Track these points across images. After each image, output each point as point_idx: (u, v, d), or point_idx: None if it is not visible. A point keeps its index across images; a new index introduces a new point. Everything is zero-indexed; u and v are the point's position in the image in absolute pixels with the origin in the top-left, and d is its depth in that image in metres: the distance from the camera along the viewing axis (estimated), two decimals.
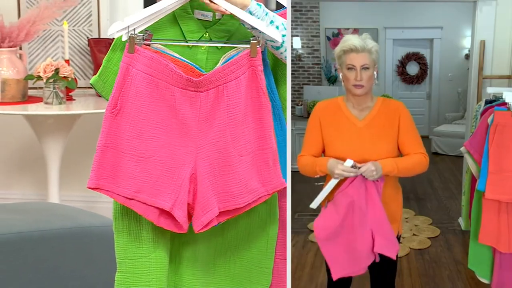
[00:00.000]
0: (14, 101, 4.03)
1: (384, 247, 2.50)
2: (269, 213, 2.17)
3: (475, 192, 2.57)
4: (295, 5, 4.63)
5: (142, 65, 2.01)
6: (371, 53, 2.45)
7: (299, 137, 3.52)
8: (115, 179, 2.02)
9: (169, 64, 2.02)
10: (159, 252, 2.11)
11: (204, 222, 2.01)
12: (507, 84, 3.37)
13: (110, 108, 2.02)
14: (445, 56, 5.87)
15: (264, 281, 2.19)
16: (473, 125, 3.17)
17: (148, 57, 2.02)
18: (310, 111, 2.97)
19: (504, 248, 2.49)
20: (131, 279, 2.11)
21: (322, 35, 5.05)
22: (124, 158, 2.02)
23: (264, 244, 2.18)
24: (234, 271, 2.19)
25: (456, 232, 3.68)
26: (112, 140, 2.03)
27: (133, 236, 2.11)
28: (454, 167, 4.45)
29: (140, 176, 2.01)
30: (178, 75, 2.02)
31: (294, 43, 4.79)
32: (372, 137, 2.48)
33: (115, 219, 2.13)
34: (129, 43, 2.02)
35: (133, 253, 2.11)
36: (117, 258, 2.13)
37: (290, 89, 2.09)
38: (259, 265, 2.19)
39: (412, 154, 2.51)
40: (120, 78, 2.02)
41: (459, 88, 5.64)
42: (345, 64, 2.47)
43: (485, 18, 3.41)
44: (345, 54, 2.46)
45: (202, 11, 2.10)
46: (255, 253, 2.18)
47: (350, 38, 2.46)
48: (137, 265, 2.11)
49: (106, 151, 2.03)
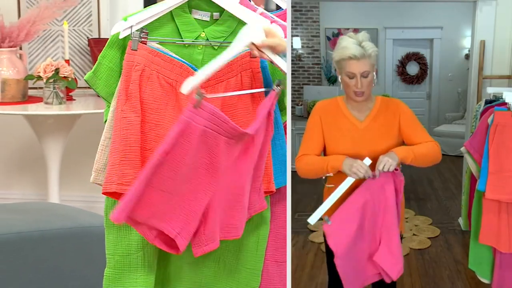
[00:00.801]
0: (14, 101, 4.03)
1: (387, 261, 2.39)
2: (260, 215, 2.16)
3: (475, 192, 2.57)
4: (295, 5, 4.63)
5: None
6: (370, 58, 2.37)
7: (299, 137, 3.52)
8: None
9: (174, 59, 2.03)
10: (147, 250, 2.11)
11: (205, 251, 2.01)
12: (507, 84, 3.37)
13: None
14: (445, 56, 5.87)
15: (253, 283, 2.18)
16: (473, 125, 3.17)
17: (153, 53, 2.02)
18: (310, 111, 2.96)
19: (505, 248, 2.49)
20: (119, 275, 2.12)
21: (322, 35, 5.06)
22: None
23: (254, 246, 2.17)
24: (222, 271, 2.18)
25: (456, 232, 3.68)
26: None
27: (122, 232, 2.11)
28: (454, 167, 4.45)
29: (157, 205, 1.95)
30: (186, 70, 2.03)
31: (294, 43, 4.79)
32: (373, 137, 2.45)
33: (106, 215, 2.13)
34: (132, 40, 2.02)
35: (122, 249, 2.11)
36: (106, 254, 2.13)
37: (290, 89, 2.09)
38: (248, 267, 2.18)
39: (423, 142, 2.43)
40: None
41: (459, 88, 5.65)
42: (344, 70, 2.39)
43: (485, 18, 3.41)
44: (344, 61, 2.39)
45: (200, 11, 2.09)
46: (244, 254, 2.17)
47: (348, 45, 2.36)
48: (125, 261, 2.11)
49: None
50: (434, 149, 2.42)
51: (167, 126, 2.02)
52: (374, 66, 2.41)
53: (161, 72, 2.03)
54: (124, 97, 2.01)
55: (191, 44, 2.08)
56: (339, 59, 2.39)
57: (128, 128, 2.00)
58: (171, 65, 2.03)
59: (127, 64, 2.02)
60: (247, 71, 2.06)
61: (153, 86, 2.02)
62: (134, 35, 2.02)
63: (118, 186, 1.98)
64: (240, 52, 2.03)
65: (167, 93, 2.03)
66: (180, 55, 2.06)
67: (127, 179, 1.98)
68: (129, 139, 1.99)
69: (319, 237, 3.26)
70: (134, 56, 2.02)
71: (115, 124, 2.01)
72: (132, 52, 2.02)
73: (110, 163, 2.00)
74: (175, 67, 2.03)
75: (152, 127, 2.02)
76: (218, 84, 2.05)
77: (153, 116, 2.02)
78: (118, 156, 1.99)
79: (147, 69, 2.02)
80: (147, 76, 2.02)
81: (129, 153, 1.99)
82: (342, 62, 2.38)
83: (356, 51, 2.34)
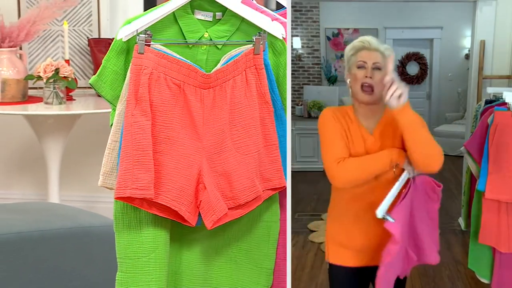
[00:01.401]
0: (14, 101, 4.03)
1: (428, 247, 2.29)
2: (271, 213, 2.17)
3: (475, 192, 2.57)
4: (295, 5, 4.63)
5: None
6: (384, 55, 2.21)
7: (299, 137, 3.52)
8: None
9: (180, 61, 2.04)
10: (159, 252, 2.11)
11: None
12: (507, 84, 3.37)
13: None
14: (445, 56, 5.87)
15: (265, 282, 2.19)
16: (473, 125, 3.17)
17: (159, 55, 2.03)
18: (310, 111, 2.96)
19: (504, 248, 2.49)
20: (131, 279, 2.11)
21: (322, 35, 5.05)
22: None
23: (266, 244, 2.18)
24: (234, 271, 2.19)
25: (456, 232, 3.68)
26: None
27: (133, 236, 2.12)
28: (454, 167, 4.45)
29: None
30: (193, 70, 2.04)
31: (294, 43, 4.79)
32: (382, 145, 2.27)
33: (116, 219, 2.13)
34: (138, 44, 2.02)
35: (133, 253, 2.11)
36: (117, 258, 2.14)
37: (290, 89, 2.09)
38: (260, 266, 2.19)
39: None
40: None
41: (459, 88, 5.64)
42: (354, 63, 2.22)
43: (485, 18, 3.41)
44: (355, 52, 2.23)
45: (203, 11, 2.10)
46: (256, 253, 2.18)
47: (362, 38, 2.25)
48: (137, 265, 2.11)
49: None
50: (437, 147, 2.22)
51: (176, 127, 2.04)
52: (389, 66, 2.17)
53: (168, 74, 2.03)
54: (134, 101, 2.01)
55: (195, 44, 2.09)
56: (351, 51, 2.25)
57: (139, 133, 2.00)
58: (178, 66, 2.04)
59: (135, 68, 2.02)
60: (251, 68, 2.07)
61: (161, 89, 2.03)
62: (140, 38, 2.02)
63: (133, 191, 1.99)
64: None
65: (174, 95, 2.04)
66: (184, 56, 2.07)
67: (141, 183, 1.99)
68: (141, 144, 2.00)
69: (319, 237, 3.27)
70: (142, 60, 2.02)
71: (126, 128, 2.01)
72: (139, 55, 2.02)
73: (123, 167, 2.00)
74: (182, 68, 2.04)
75: (162, 129, 2.03)
76: (225, 83, 2.06)
77: (162, 118, 2.03)
78: (131, 161, 2.00)
79: (155, 72, 2.03)
80: (155, 79, 2.03)
81: (142, 157, 2.00)
82: (353, 54, 2.24)
83: (371, 40, 2.23)
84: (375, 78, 2.20)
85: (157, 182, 2.02)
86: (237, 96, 2.05)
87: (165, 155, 2.03)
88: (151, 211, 2.04)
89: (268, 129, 2.08)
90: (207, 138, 2.06)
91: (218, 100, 2.06)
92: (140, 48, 2.02)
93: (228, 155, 2.05)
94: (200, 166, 2.05)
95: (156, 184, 2.02)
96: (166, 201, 2.02)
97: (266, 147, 2.07)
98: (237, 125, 2.05)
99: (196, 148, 2.05)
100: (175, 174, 2.03)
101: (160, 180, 2.02)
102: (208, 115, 2.06)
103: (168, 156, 2.03)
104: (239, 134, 2.05)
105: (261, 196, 2.08)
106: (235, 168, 2.04)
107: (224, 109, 2.05)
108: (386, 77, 2.11)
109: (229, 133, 2.05)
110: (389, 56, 2.21)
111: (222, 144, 2.05)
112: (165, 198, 2.02)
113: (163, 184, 2.02)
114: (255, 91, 2.07)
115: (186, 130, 2.05)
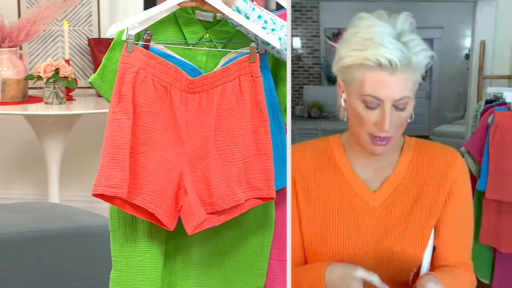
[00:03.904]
0: (14, 101, 4.03)
1: None
2: (265, 215, 2.16)
3: (475, 192, 2.57)
4: (295, 5, 4.63)
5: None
6: (416, 68, 1.39)
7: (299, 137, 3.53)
8: None
9: (169, 63, 2.02)
10: (154, 251, 2.11)
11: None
12: (507, 84, 3.37)
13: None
14: (445, 56, 5.86)
15: (258, 283, 2.19)
16: (473, 125, 3.17)
17: (148, 55, 2.01)
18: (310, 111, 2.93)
19: (505, 248, 2.49)
20: (125, 278, 2.12)
21: (322, 35, 5.05)
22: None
23: (259, 245, 2.18)
24: (228, 272, 2.19)
25: None
26: None
27: (128, 235, 2.12)
28: None
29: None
30: (180, 74, 2.02)
31: (294, 43, 4.79)
32: (394, 222, 1.43)
33: (111, 217, 2.13)
34: (127, 42, 2.01)
35: (128, 252, 2.11)
36: (112, 257, 2.14)
37: (290, 89, 2.08)
38: (253, 267, 2.18)
39: (450, 266, 1.58)
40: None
41: (460, 88, 5.64)
42: (357, 89, 1.36)
43: (485, 18, 3.41)
44: (361, 70, 1.34)
45: (203, 12, 2.09)
46: (249, 254, 2.18)
47: (376, 36, 1.37)
48: (131, 264, 2.11)
49: None
50: None
51: (160, 129, 2.02)
52: (417, 83, 1.45)
53: (156, 75, 2.02)
54: (117, 99, 2.00)
55: (194, 45, 2.08)
56: (351, 64, 1.37)
57: (117, 131, 1.98)
58: (166, 68, 2.02)
59: (121, 66, 2.01)
60: (247, 75, 2.03)
61: (148, 89, 2.01)
62: (129, 37, 2.01)
63: (105, 188, 1.97)
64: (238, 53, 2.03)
65: (161, 97, 2.02)
66: (184, 56, 2.06)
67: (113, 181, 1.96)
68: (117, 141, 1.98)
69: None
70: (129, 58, 2.01)
71: (107, 126, 2.00)
72: (127, 54, 2.01)
73: (100, 165, 2.00)
74: (169, 70, 2.02)
75: (145, 130, 2.01)
76: (213, 89, 2.03)
77: (146, 119, 2.01)
78: (107, 158, 1.98)
79: (141, 71, 2.01)
80: (141, 78, 2.01)
81: (117, 155, 1.98)
82: (357, 71, 1.36)
83: (393, 52, 1.35)
84: (395, 123, 1.39)
85: (137, 184, 2.00)
86: (225, 103, 2.02)
87: (147, 157, 2.00)
88: (130, 212, 2.02)
89: (261, 138, 2.03)
90: (189, 143, 2.03)
91: (204, 106, 2.02)
92: (128, 47, 2.01)
93: (210, 161, 2.02)
94: (181, 171, 2.02)
95: (136, 185, 1.99)
96: (144, 203, 1.99)
97: (257, 156, 2.03)
98: (223, 132, 2.02)
99: (178, 152, 2.02)
100: (155, 177, 2.00)
101: (139, 182, 2.00)
102: (192, 120, 2.03)
103: (149, 158, 2.00)
104: (224, 141, 2.02)
105: (244, 204, 2.04)
106: (215, 175, 2.01)
107: (210, 115, 2.02)
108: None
109: (214, 139, 2.02)
110: (426, 62, 1.30)
111: (205, 150, 2.02)
112: (142, 200, 1.99)
113: (143, 186, 2.00)
114: (249, 99, 2.02)
115: (169, 133, 2.02)
